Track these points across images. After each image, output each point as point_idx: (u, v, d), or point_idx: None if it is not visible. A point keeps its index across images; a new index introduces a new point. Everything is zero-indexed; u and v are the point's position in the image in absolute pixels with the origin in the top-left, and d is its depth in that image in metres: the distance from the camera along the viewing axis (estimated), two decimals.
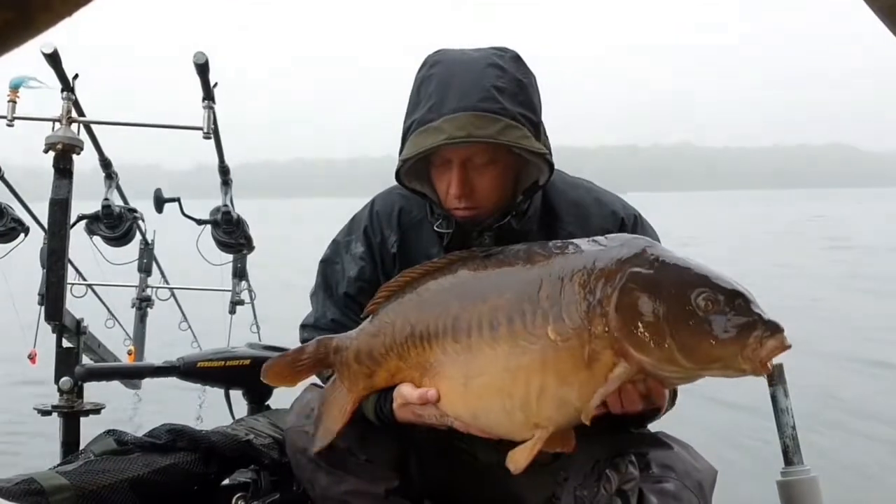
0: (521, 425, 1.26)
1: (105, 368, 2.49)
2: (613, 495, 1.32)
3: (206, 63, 2.30)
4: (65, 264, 2.19)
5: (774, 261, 13.07)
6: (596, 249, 1.27)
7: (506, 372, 1.25)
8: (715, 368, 1.17)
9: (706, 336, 1.13)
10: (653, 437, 1.50)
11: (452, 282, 1.37)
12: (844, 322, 7.41)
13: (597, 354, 1.19)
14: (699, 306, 1.14)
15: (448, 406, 1.34)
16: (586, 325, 1.20)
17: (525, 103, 1.44)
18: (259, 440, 1.85)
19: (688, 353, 1.15)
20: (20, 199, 3.03)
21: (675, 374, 1.20)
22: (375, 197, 1.72)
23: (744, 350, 1.12)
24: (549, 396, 1.23)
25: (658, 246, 1.27)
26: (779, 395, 1.73)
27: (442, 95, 1.41)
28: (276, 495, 1.80)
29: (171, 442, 1.74)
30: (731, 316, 1.13)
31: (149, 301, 4.17)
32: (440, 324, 1.33)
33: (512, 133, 1.39)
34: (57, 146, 2.17)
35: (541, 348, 1.22)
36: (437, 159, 1.48)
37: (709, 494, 1.42)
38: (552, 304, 1.23)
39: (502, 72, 1.43)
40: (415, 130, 1.43)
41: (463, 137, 1.37)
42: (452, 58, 1.47)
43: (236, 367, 2.19)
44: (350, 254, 1.66)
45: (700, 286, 1.16)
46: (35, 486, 1.52)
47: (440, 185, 1.51)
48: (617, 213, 1.60)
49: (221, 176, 3.09)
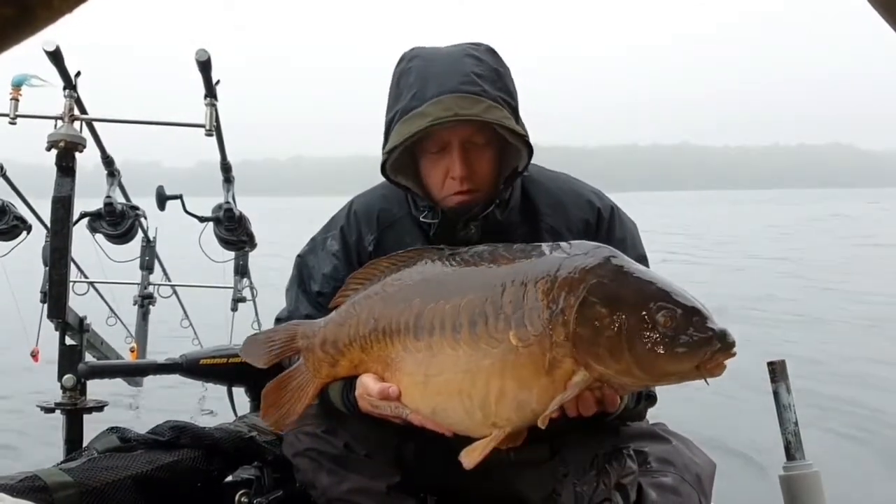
0: (479, 424, 1.29)
1: (108, 366, 2.49)
2: (613, 489, 1.33)
3: (208, 60, 2.30)
4: (68, 262, 2.19)
5: (833, 259, 13.02)
6: (560, 257, 1.27)
7: (466, 373, 1.27)
8: (672, 379, 1.21)
9: (664, 351, 1.16)
10: (651, 432, 1.50)
11: (417, 279, 1.39)
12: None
13: (557, 362, 1.21)
14: (658, 322, 1.16)
15: (408, 401, 1.36)
16: (548, 332, 1.22)
17: (503, 89, 1.48)
18: (262, 437, 1.86)
19: (645, 367, 1.18)
20: (22, 196, 3.04)
21: (633, 384, 1.24)
22: (355, 197, 1.74)
23: (699, 365, 1.16)
24: (508, 399, 1.24)
25: (621, 257, 1.27)
26: (781, 392, 1.73)
27: (423, 84, 1.45)
28: (280, 492, 1.81)
29: (174, 439, 1.75)
30: (687, 332, 1.16)
31: (151, 298, 4.18)
32: (402, 320, 1.35)
33: (495, 113, 1.43)
34: (59, 144, 2.17)
35: (502, 352, 1.24)
36: (430, 146, 1.50)
37: (708, 488, 1.42)
38: (514, 310, 1.24)
39: (479, 61, 1.48)
40: (398, 120, 1.46)
41: (449, 117, 1.40)
42: (429, 52, 1.52)
43: (239, 363, 2.19)
44: (325, 251, 1.68)
45: (659, 301, 1.18)
46: (39, 483, 1.53)
47: (435, 172, 1.52)
48: (594, 204, 1.62)
49: (223, 173, 3.09)
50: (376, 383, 1.38)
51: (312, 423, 1.57)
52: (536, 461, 1.57)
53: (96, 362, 2.51)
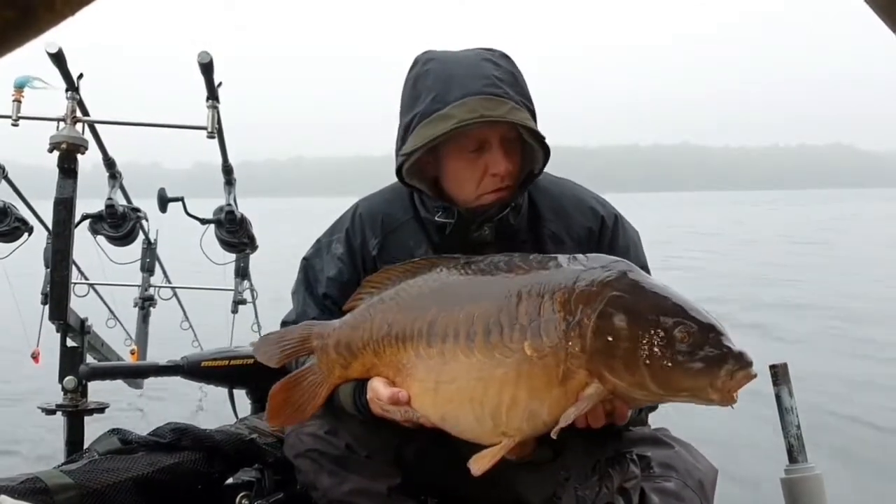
0: (489, 432, 1.29)
1: (109, 368, 2.49)
2: (615, 494, 1.32)
3: (210, 62, 2.30)
4: (69, 264, 2.19)
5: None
6: (577, 269, 1.28)
7: (479, 381, 1.27)
8: (683, 396, 1.20)
9: (679, 367, 1.17)
10: (654, 437, 1.50)
11: (432, 286, 1.39)
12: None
13: (571, 373, 1.22)
14: (675, 337, 1.17)
15: (417, 406, 1.36)
16: (563, 344, 1.22)
17: (522, 93, 1.49)
18: (262, 439, 1.85)
19: (660, 381, 1.18)
20: (24, 198, 3.04)
21: (645, 398, 1.24)
22: (360, 200, 1.74)
23: (713, 382, 1.16)
24: (519, 409, 1.25)
25: (638, 271, 1.28)
26: (783, 395, 1.73)
27: (443, 87, 1.45)
28: (280, 494, 1.81)
29: (175, 441, 1.75)
30: (704, 348, 1.16)
31: (152, 300, 4.18)
32: (416, 327, 1.35)
33: (519, 114, 1.44)
34: (61, 146, 2.17)
35: (516, 362, 1.24)
36: (468, 144, 1.49)
37: (710, 493, 1.42)
38: (530, 320, 1.25)
39: (496, 66, 1.49)
40: (418, 123, 1.46)
41: (476, 118, 1.41)
42: (445, 56, 1.52)
43: (240, 366, 2.19)
44: (330, 254, 1.67)
45: (676, 316, 1.18)
46: (40, 485, 1.52)
47: (471, 171, 1.52)
48: (597, 212, 1.62)
49: (225, 175, 3.09)
50: (386, 388, 1.38)
51: (314, 424, 1.56)
52: (538, 463, 1.56)
53: (97, 364, 2.51)
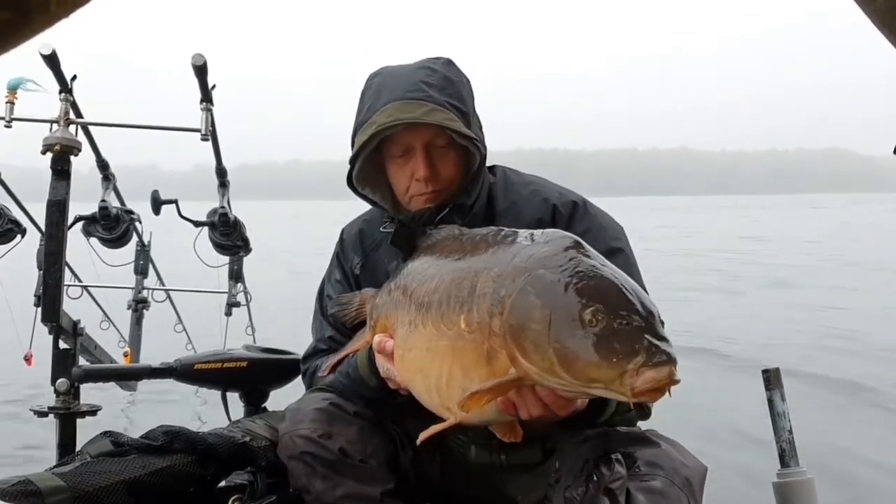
0: (437, 405, 1.29)
1: (102, 370, 2.48)
2: (601, 495, 1.31)
3: (204, 65, 2.30)
4: (62, 266, 2.18)
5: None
6: (523, 245, 1.22)
7: (427, 352, 1.28)
8: (598, 388, 1.06)
9: (585, 353, 1.04)
10: (640, 436, 1.49)
11: (428, 257, 1.43)
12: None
13: (494, 353, 1.15)
14: (584, 320, 1.05)
15: (397, 370, 1.42)
16: (487, 320, 1.16)
17: (453, 95, 1.54)
18: (256, 442, 1.85)
19: (567, 367, 1.06)
20: (17, 200, 3.03)
21: (562, 386, 1.11)
22: (344, 226, 1.85)
23: (622, 376, 1.02)
24: (455, 385, 1.22)
25: (583, 249, 1.16)
26: (775, 400, 1.74)
27: (376, 97, 1.54)
28: (273, 497, 1.80)
29: (167, 443, 1.74)
30: (615, 337, 1.03)
31: (145, 303, 4.17)
32: (406, 296, 1.40)
33: (437, 115, 1.48)
34: (55, 147, 2.17)
35: (453, 336, 1.22)
36: (395, 151, 1.57)
37: (698, 491, 1.40)
38: (469, 294, 1.21)
39: (432, 72, 1.55)
40: (356, 133, 1.55)
41: (391, 122, 1.47)
42: (391, 70, 1.59)
43: (233, 368, 2.19)
44: (332, 281, 1.82)
45: (594, 299, 1.06)
46: (31, 488, 1.52)
47: (401, 178, 1.60)
48: (549, 201, 1.63)
49: (219, 178, 3.09)
50: (379, 337, 1.46)
51: (308, 427, 1.57)
52: (528, 465, 1.57)
53: (90, 366, 2.50)
